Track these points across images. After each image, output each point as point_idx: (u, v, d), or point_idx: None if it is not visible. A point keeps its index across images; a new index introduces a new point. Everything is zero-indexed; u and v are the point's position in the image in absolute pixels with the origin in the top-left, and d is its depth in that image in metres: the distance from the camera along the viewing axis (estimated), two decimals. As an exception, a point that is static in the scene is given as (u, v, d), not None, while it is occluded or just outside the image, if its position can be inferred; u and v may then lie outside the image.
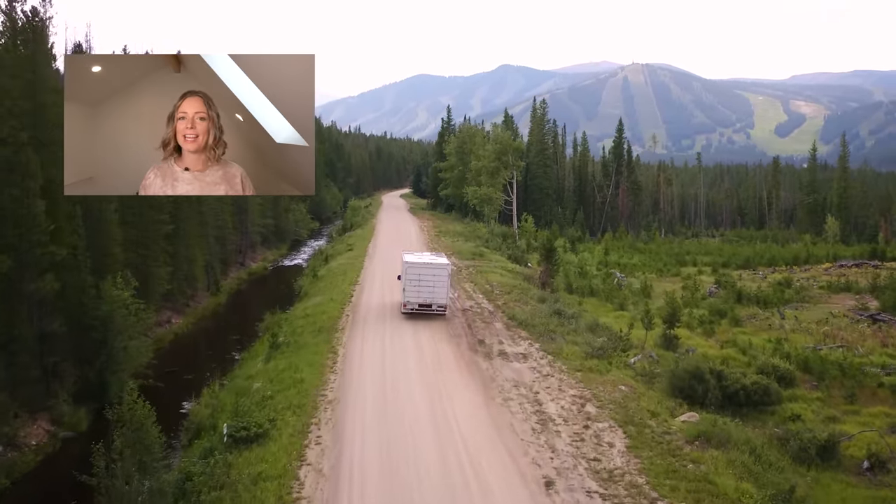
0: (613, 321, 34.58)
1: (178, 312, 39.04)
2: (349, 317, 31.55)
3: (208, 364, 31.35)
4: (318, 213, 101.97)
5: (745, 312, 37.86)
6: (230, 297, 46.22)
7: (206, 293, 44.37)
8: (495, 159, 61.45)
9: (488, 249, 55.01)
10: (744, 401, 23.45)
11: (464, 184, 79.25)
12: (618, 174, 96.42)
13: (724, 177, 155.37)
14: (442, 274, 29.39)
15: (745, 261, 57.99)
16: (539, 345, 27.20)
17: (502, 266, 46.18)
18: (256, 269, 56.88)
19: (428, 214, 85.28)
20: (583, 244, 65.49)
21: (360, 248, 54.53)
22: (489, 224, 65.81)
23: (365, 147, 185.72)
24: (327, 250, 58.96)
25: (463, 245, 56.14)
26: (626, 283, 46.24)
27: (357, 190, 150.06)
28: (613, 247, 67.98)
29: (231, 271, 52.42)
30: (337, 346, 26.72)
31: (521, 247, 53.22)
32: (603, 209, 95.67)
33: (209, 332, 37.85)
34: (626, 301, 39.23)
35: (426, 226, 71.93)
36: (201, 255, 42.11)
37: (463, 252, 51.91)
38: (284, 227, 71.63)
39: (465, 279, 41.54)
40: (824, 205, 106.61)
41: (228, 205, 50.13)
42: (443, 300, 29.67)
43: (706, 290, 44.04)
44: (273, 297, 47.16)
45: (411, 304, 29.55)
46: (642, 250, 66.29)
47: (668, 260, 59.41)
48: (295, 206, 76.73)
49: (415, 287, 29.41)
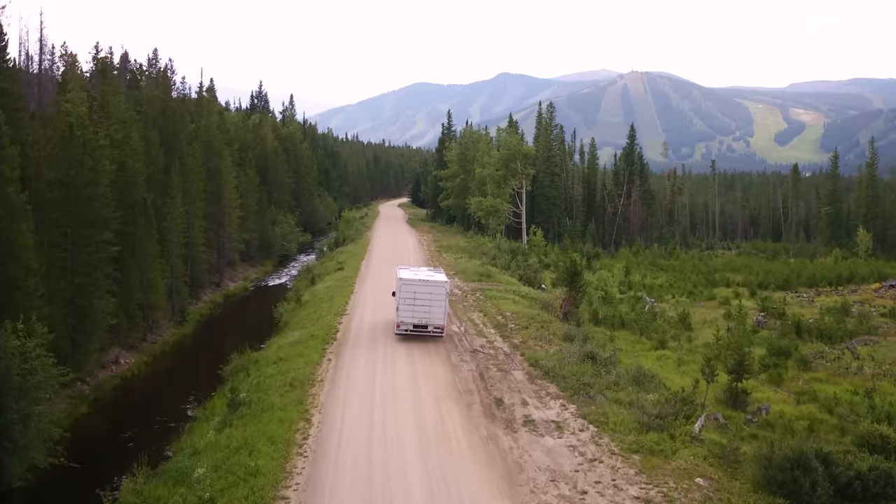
0: (656, 364, 28.38)
1: (130, 349, 32.71)
2: (331, 361, 25.32)
3: (152, 424, 25.03)
4: (311, 224, 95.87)
5: (808, 349, 31.63)
6: (199, 327, 39.89)
7: (170, 323, 38.08)
8: (502, 166, 55.31)
9: (496, 268, 48.80)
10: (860, 495, 17.22)
11: (466, 194, 73.18)
12: (629, 183, 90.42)
13: (733, 185, 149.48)
14: (439, 292, 26.93)
15: (783, 280, 51.72)
16: (575, 407, 20.92)
17: (514, 290, 39.97)
18: (235, 291, 50.55)
19: (427, 227, 79.10)
20: (599, 260, 59.24)
21: (352, 266, 48.30)
22: (495, 238, 59.68)
23: (362, 154, 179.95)
24: (315, 269, 52.70)
25: (467, 263, 49.90)
26: (658, 309, 40.02)
27: (354, 199, 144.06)
28: (632, 263, 61.80)
29: (204, 294, 46.12)
30: (311, 408, 20.46)
31: (533, 265, 47.02)
32: (614, 220, 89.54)
33: (163, 376, 31.48)
34: (664, 335, 32.99)
35: (426, 240, 65.72)
36: (162, 279, 35.84)
37: (468, 272, 45.70)
38: (270, 240, 65.38)
39: (473, 307, 35.30)
40: (846, 215, 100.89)
41: (200, 218, 43.84)
42: (440, 321, 27.21)
43: (753, 320, 37.81)
44: (249, 326, 40.87)
45: (405, 325, 27.14)
46: (664, 267, 60.09)
47: (697, 279, 53.19)
48: (283, 218, 70.53)
49: (409, 306, 26.94)
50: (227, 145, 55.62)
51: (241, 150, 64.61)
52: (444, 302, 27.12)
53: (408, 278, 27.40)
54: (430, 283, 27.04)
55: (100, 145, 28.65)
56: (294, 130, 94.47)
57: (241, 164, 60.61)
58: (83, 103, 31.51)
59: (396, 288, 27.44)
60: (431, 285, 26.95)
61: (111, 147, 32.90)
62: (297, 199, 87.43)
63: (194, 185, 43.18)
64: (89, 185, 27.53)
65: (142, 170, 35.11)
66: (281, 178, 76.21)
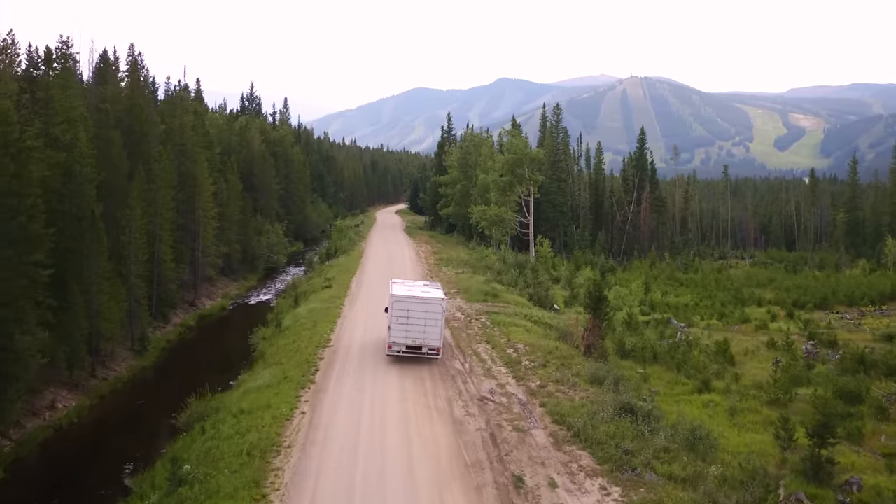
0: (703, 413, 23.32)
1: (73, 389, 27.57)
2: (304, 415, 20.24)
3: (78, 498, 19.89)
4: (303, 232, 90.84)
5: (876, 388, 26.56)
6: (163, 357, 34.70)
7: (129, 353, 32.94)
8: (508, 172, 50.34)
9: (502, 285, 43.73)
10: None
11: (468, 201, 68.20)
12: (639, 189, 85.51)
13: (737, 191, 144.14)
14: (435, 310, 24.77)
15: (820, 298, 46.59)
16: (619, 490, 15.82)
17: (525, 313, 34.90)
18: (211, 310, 45.37)
19: (426, 236, 73.99)
20: (615, 275, 54.12)
21: (341, 284, 43.17)
22: (500, 250, 54.66)
23: (359, 159, 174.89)
24: (301, 286, 47.60)
25: (470, 279, 44.82)
26: (691, 336, 34.94)
27: (350, 205, 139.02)
28: (649, 277, 56.73)
29: (175, 316, 40.98)
30: (270, 494, 15.39)
31: (544, 283, 41.94)
32: (624, 229, 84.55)
33: (108, 424, 26.28)
34: (705, 371, 27.90)
35: (424, 252, 60.61)
36: (117, 304, 30.70)
37: (471, 290, 40.60)
38: (255, 252, 60.27)
39: (479, 337, 30.21)
40: (862, 222, 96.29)
41: (168, 231, 38.70)
42: (435, 341, 24.92)
43: (802, 350, 32.73)
44: (221, 355, 35.77)
45: (398, 346, 25.01)
46: (684, 282, 55.06)
47: (723, 297, 48.10)
48: (269, 227, 65.45)
49: (402, 325, 24.80)
50: (205, 148, 50.58)
51: (223, 155, 59.62)
52: (441, 321, 24.87)
53: (401, 295, 25.03)
54: (426, 301, 24.78)
55: (27, 146, 23.58)
56: (285, 133, 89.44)
57: (223, 170, 55.59)
58: (12, 96, 26.45)
59: (389, 304, 25.16)
60: (427, 303, 24.72)
61: (53, 149, 27.87)
62: (288, 207, 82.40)
63: (162, 192, 38.14)
64: (11, 194, 22.46)
65: (91, 176, 30.05)
66: (268, 185, 71.16)
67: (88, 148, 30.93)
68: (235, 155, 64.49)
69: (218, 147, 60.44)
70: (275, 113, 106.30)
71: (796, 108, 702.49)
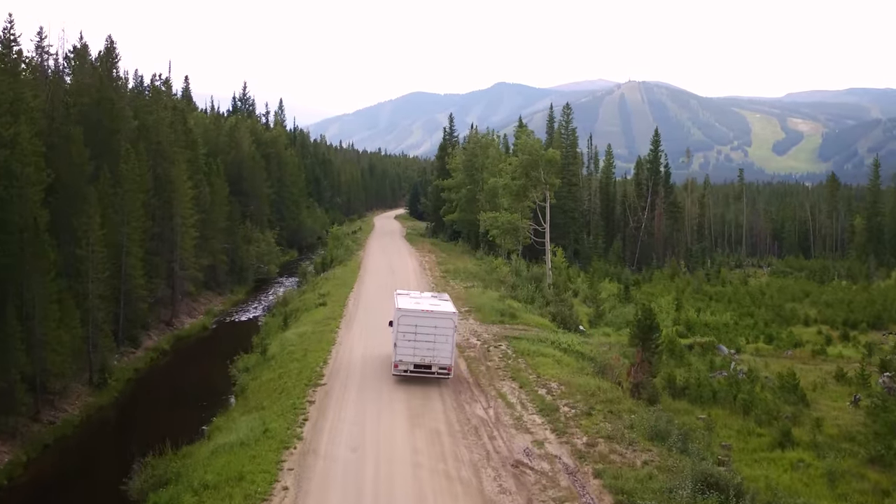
0: (793, 477, 18.47)
1: (7, 440, 22.52)
2: (287, 496, 15.32)
3: None
4: (297, 239, 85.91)
5: None
6: (126, 392, 29.61)
7: (86, 388, 27.92)
8: (521, 175, 45.55)
9: (518, 302, 38.88)
10: None
11: (474, 207, 63.37)
12: (653, 194, 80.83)
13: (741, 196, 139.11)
14: (445, 326, 22.82)
15: (873, 316, 41.74)
16: None
17: (551, 339, 30.02)
18: (191, 331, 40.30)
19: (429, 244, 69.07)
20: (640, 289, 49.18)
21: (337, 301, 38.19)
22: (511, 261, 49.82)
23: (357, 163, 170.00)
24: (292, 301, 42.62)
25: (482, 295, 39.90)
26: (744, 365, 30.07)
27: (347, 210, 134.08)
28: (670, 288, 51.93)
29: (148, 338, 35.95)
30: None
31: (567, 301, 37.04)
32: (637, 236, 79.76)
33: (45, 486, 21.24)
34: (777, 415, 23.03)
35: (428, 262, 55.71)
36: (68, 331, 25.70)
37: (485, 309, 35.65)
38: (243, 262, 55.25)
39: (502, 371, 25.27)
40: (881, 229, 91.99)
41: (137, 242, 33.62)
42: (446, 360, 22.87)
43: (878, 384, 27.90)
44: (196, 388, 30.77)
45: (405, 365, 22.91)
46: (714, 296, 50.23)
47: (764, 314, 43.25)
48: (260, 235, 60.49)
49: (410, 342, 22.69)
50: (186, 148, 45.64)
51: (209, 156, 54.69)
52: (452, 338, 22.86)
53: (408, 308, 23.05)
54: (435, 315, 22.78)
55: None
56: (278, 135, 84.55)
57: (208, 172, 50.65)
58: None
59: (394, 318, 23.30)
60: (436, 317, 22.73)
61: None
62: (281, 212, 77.43)
63: (131, 197, 33.17)
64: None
65: (37, 178, 25.11)
66: (259, 189, 66.20)
67: (33, 145, 25.96)
68: (223, 157, 59.58)
69: (203, 148, 55.58)
70: (267, 113, 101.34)
71: (794, 113, 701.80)
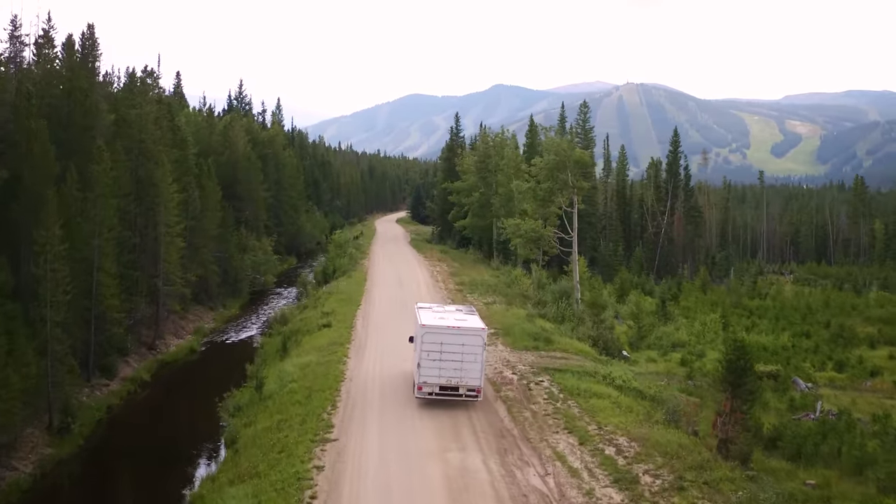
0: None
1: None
2: None
3: None
4: (296, 245, 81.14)
5: None
6: (93, 439, 24.72)
7: (45, 435, 23.13)
8: (548, 178, 40.94)
9: (548, 322, 34.18)
10: None
11: (488, 212, 58.76)
12: (672, 198, 76.38)
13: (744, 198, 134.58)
14: (474, 343, 20.88)
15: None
16: None
17: (600, 372, 25.34)
18: (176, 355, 35.43)
19: (437, 252, 64.35)
20: (677, 302, 44.48)
21: (343, 322, 33.38)
22: (532, 273, 45.18)
23: (356, 165, 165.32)
24: (292, 319, 37.82)
25: (507, 314, 35.18)
26: (827, 403, 25.45)
27: (347, 214, 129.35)
28: (705, 302, 47.32)
29: (124, 366, 31.13)
30: None
31: (608, 322, 32.33)
32: (657, 242, 75.22)
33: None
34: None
35: (439, 272, 51.00)
36: (19, 369, 20.91)
37: (514, 331, 30.88)
38: (237, 273, 50.43)
39: (552, 419, 20.51)
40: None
41: (111, 257, 28.79)
42: (475, 380, 20.93)
43: None
44: (177, 433, 25.98)
45: (430, 387, 20.90)
46: (756, 310, 45.65)
47: (819, 332, 38.70)
48: (256, 243, 55.71)
49: (435, 361, 20.68)
50: (174, 147, 40.92)
51: (200, 157, 49.95)
52: (481, 356, 21.19)
53: (433, 325, 21.33)
54: (463, 332, 21.18)
55: None
56: (275, 134, 79.77)
57: (198, 175, 45.93)
58: None
59: (416, 335, 22.11)
60: (464, 334, 21.14)
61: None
62: (279, 217, 72.71)
63: (104, 203, 28.41)
64: None
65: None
66: (255, 192, 61.42)
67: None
68: (216, 157, 54.83)
69: (194, 147, 50.89)
70: (264, 112, 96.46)
71: (792, 115, 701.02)
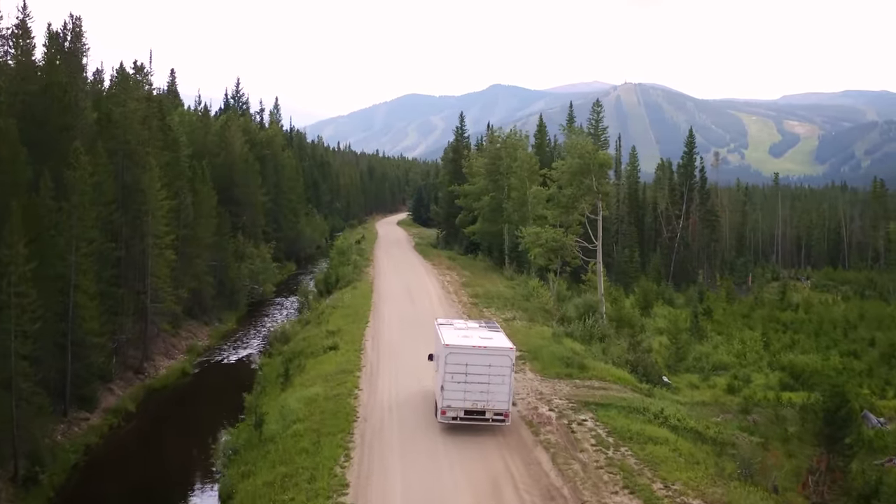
0: None
1: None
2: None
3: None
4: (296, 250, 77.86)
5: None
6: (66, 489, 21.39)
7: (12, 486, 19.83)
8: (570, 182, 37.61)
9: (577, 342, 30.90)
10: None
11: (500, 217, 55.53)
12: (688, 201, 73.28)
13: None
14: (501, 364, 19.25)
15: None
16: None
17: (649, 407, 22.10)
18: (167, 379, 32.06)
19: (445, 258, 61.04)
20: (710, 317, 41.19)
21: (351, 342, 30.04)
22: (550, 283, 41.96)
23: (356, 166, 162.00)
24: (294, 338, 34.46)
25: (530, 332, 31.92)
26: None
27: (346, 216, 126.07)
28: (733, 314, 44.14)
29: (107, 395, 27.79)
30: None
31: (645, 344, 29.03)
32: (672, 247, 72.08)
33: None
34: None
35: (450, 282, 47.72)
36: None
37: (542, 355, 27.56)
38: (234, 284, 47.09)
39: (608, 476, 17.15)
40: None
41: (89, 274, 25.46)
42: (503, 404, 19.24)
43: None
44: (166, 481, 22.63)
45: (454, 411, 19.29)
46: (790, 324, 42.50)
47: (861, 349, 35.60)
48: (254, 250, 52.38)
49: (460, 384, 19.11)
50: (165, 149, 37.58)
51: (194, 159, 46.63)
52: (510, 378, 19.71)
53: (457, 345, 19.75)
54: (489, 352, 19.63)
55: None
56: (274, 134, 76.39)
57: (192, 178, 42.61)
58: None
59: (439, 355, 20.52)
60: (490, 354, 19.58)
61: None
62: (278, 222, 69.39)
63: (81, 214, 25.09)
64: None
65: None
66: (253, 196, 58.07)
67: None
68: (211, 159, 51.47)
69: (188, 149, 47.57)
70: (262, 111, 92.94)
71: (790, 115, 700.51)
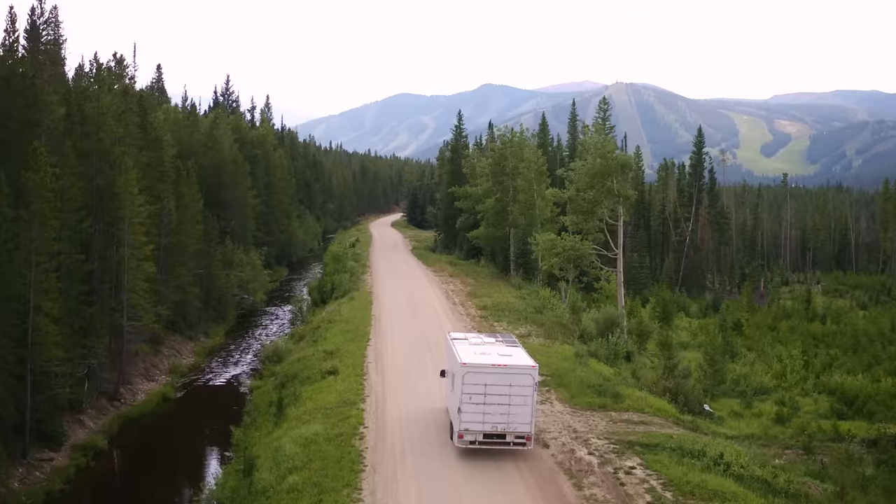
0: None
1: None
2: None
3: None
4: (287, 254, 74.48)
5: None
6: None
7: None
8: (591, 185, 34.41)
9: (603, 364, 27.81)
10: None
11: (505, 221, 52.41)
12: (698, 203, 70.55)
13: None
14: (523, 383, 17.47)
15: None
16: None
17: (702, 446, 19.04)
18: (146, 406, 28.63)
19: (446, 264, 57.76)
20: (741, 332, 38.15)
21: (352, 365, 26.71)
22: (563, 293, 38.84)
23: (348, 166, 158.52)
24: (287, 359, 31.10)
25: (549, 353, 28.72)
26: None
27: (339, 217, 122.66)
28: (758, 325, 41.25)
29: (76, 428, 24.40)
30: None
31: (682, 369, 25.93)
32: (681, 251, 69.28)
33: None
34: None
35: (454, 291, 44.49)
36: None
37: (568, 379, 24.44)
38: (222, 294, 43.71)
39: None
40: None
41: (52, 294, 22.04)
42: (525, 426, 17.47)
43: None
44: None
45: (472, 434, 17.49)
46: (824, 338, 39.65)
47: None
48: (243, 257, 48.96)
49: (478, 405, 17.34)
50: (145, 149, 34.16)
51: (179, 159, 43.20)
52: (532, 398, 17.49)
53: (475, 363, 17.50)
54: (510, 370, 17.38)
55: None
56: (265, 133, 72.93)
57: (176, 181, 39.19)
58: None
59: (454, 373, 18.13)
60: (511, 372, 17.34)
61: None
62: (269, 225, 65.98)
63: (41, 223, 21.69)
64: None
65: None
66: (242, 198, 54.63)
67: None
68: (197, 160, 48.03)
69: (173, 148, 44.15)
70: (253, 109, 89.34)
71: (781, 115, 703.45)
